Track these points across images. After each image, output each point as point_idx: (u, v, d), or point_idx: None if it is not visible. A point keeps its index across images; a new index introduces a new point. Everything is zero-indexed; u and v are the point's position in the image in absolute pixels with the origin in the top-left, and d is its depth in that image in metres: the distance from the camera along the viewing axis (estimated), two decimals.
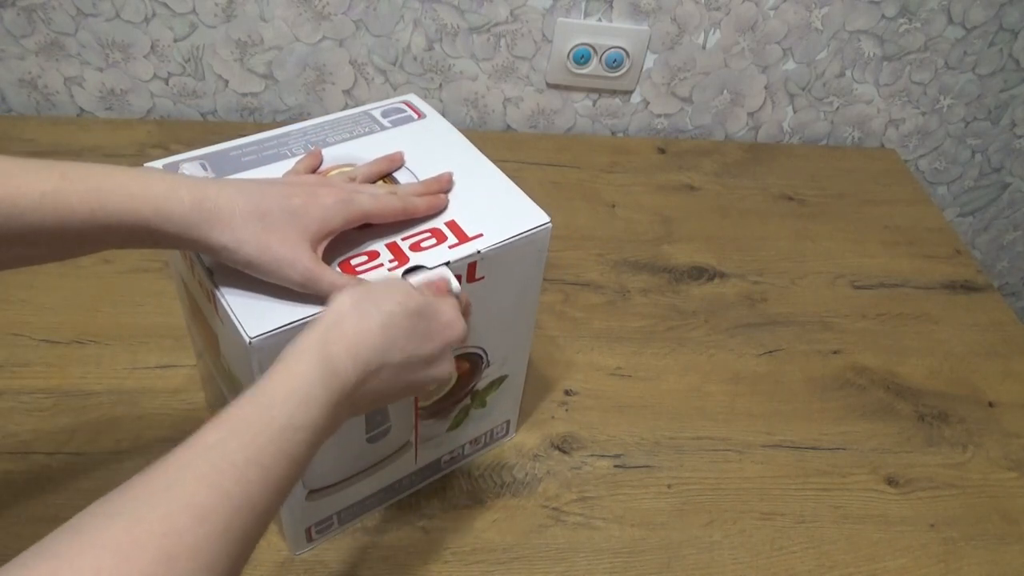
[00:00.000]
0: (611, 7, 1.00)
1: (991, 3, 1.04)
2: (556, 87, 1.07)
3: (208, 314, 0.52)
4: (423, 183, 0.57)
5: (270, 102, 1.05)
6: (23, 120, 1.00)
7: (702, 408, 0.77)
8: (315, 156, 0.58)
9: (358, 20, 0.98)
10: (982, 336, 0.88)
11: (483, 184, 0.59)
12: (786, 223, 1.00)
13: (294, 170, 0.56)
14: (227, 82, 1.02)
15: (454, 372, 0.50)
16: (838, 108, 1.13)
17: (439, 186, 0.57)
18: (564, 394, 0.77)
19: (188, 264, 0.52)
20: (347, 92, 1.05)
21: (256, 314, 0.47)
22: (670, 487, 0.70)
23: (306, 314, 0.47)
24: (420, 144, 0.61)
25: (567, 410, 0.75)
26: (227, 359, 0.53)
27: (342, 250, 0.51)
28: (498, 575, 0.62)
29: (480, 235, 0.54)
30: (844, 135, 1.17)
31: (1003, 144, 1.19)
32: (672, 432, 0.75)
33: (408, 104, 0.66)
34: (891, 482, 0.73)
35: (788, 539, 0.67)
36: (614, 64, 1.04)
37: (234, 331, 0.47)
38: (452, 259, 0.52)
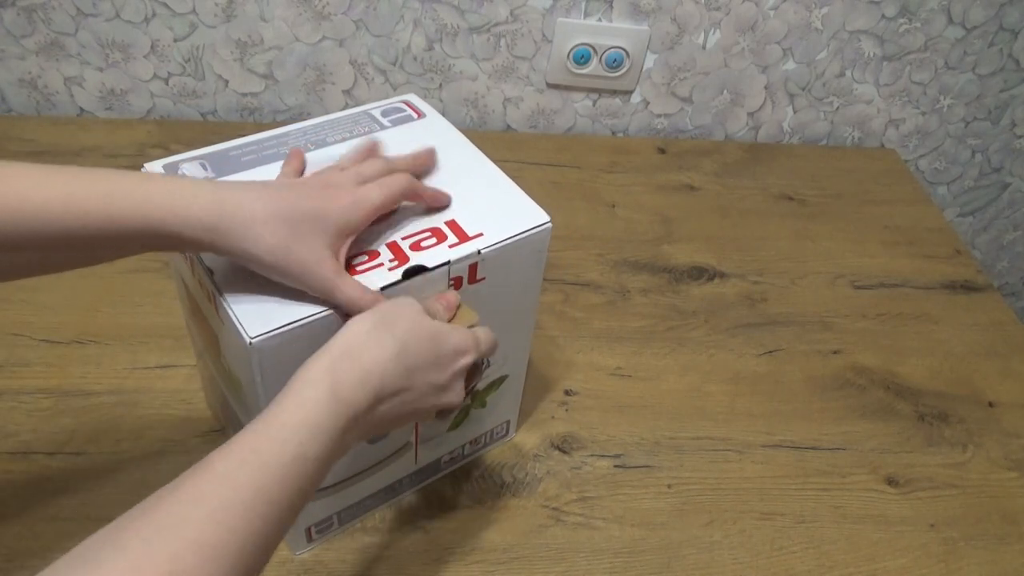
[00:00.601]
0: (611, 7, 1.00)
1: (991, 3, 1.04)
2: (556, 87, 1.07)
3: (208, 314, 0.52)
4: (411, 155, 0.57)
5: (270, 102, 1.05)
6: (23, 120, 1.00)
7: (702, 408, 0.77)
8: (297, 158, 0.56)
9: (358, 20, 0.98)
10: (982, 336, 0.88)
11: (483, 184, 0.59)
12: (786, 223, 1.00)
13: (283, 173, 0.55)
14: (227, 82, 1.02)
15: (463, 399, 0.50)
16: (838, 108, 1.13)
17: (427, 157, 0.57)
18: (564, 394, 0.77)
19: (188, 264, 0.52)
20: (347, 92, 1.05)
21: (256, 314, 0.47)
22: (670, 487, 0.70)
23: (307, 315, 0.47)
24: (420, 144, 0.61)
25: (567, 410, 0.75)
26: (227, 359, 0.53)
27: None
28: (498, 575, 0.62)
29: (480, 234, 0.54)
30: (844, 135, 1.17)
31: (1003, 144, 1.19)
32: (672, 432, 0.75)
33: (408, 104, 0.66)
34: (891, 482, 0.73)
35: (788, 539, 0.67)
36: (614, 64, 1.04)
37: (234, 331, 0.46)
38: (452, 258, 0.52)
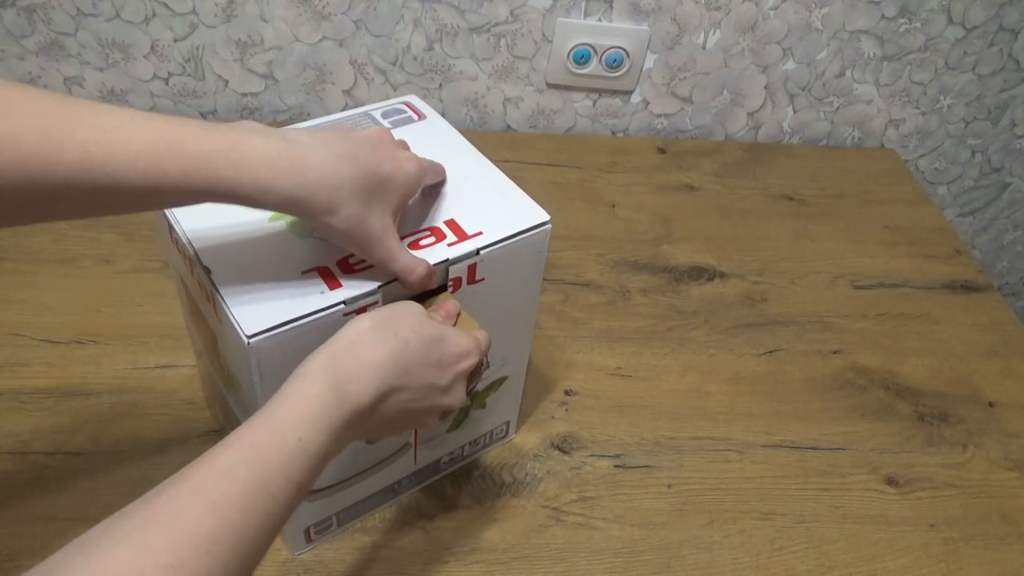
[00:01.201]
0: (611, 7, 1.00)
1: (991, 3, 1.04)
2: (556, 87, 1.07)
3: (207, 314, 0.52)
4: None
5: (270, 102, 1.05)
6: None
7: (702, 408, 0.77)
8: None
9: (358, 20, 0.98)
10: (982, 336, 0.88)
11: (483, 184, 0.59)
12: (786, 223, 1.00)
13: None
14: (227, 82, 1.02)
15: (466, 402, 0.50)
16: (838, 108, 1.13)
17: (441, 171, 0.57)
18: (564, 394, 0.77)
19: (188, 264, 0.52)
20: (347, 92, 1.05)
21: (255, 314, 0.47)
22: (670, 487, 0.70)
23: (306, 315, 0.47)
24: (420, 144, 0.61)
25: (567, 410, 0.75)
26: (226, 359, 0.53)
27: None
28: (498, 575, 0.62)
29: (480, 233, 0.54)
30: (844, 135, 1.17)
31: (1003, 144, 1.19)
32: (672, 432, 0.75)
33: (408, 105, 0.66)
34: (891, 482, 0.73)
35: (788, 539, 0.67)
36: (614, 64, 1.04)
37: (233, 331, 0.46)
38: (451, 257, 0.52)
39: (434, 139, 0.62)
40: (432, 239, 0.53)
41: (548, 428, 0.74)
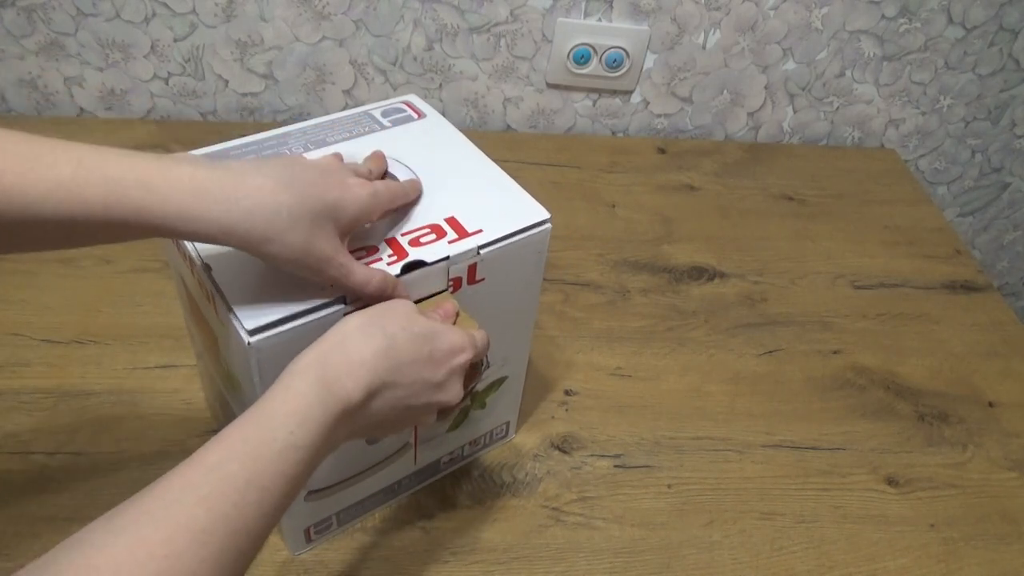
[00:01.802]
0: (611, 7, 1.00)
1: (991, 3, 1.04)
2: (556, 87, 1.07)
3: (208, 314, 0.52)
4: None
5: (270, 102, 1.05)
6: (23, 120, 1.00)
7: (702, 408, 0.77)
8: (380, 159, 0.56)
9: (358, 20, 0.98)
10: (982, 336, 0.88)
11: (483, 182, 0.59)
12: (786, 223, 1.00)
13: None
14: (227, 82, 1.02)
15: (461, 398, 0.50)
16: (838, 108, 1.13)
17: (415, 188, 0.56)
18: (564, 394, 0.77)
19: (188, 264, 0.52)
20: (347, 92, 1.05)
21: (255, 315, 0.47)
22: (670, 487, 0.70)
23: (306, 315, 0.47)
24: (420, 144, 0.61)
25: (567, 410, 0.75)
26: (227, 359, 0.53)
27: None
28: (498, 575, 0.62)
29: (480, 231, 0.54)
30: (844, 135, 1.17)
31: (1003, 144, 1.19)
32: (672, 432, 0.75)
33: (408, 104, 0.66)
34: (891, 482, 0.73)
35: (788, 539, 0.67)
36: (614, 64, 1.04)
37: (233, 331, 0.46)
38: (451, 254, 0.52)
39: (434, 137, 0.62)
40: (433, 236, 0.53)
41: (548, 428, 0.74)
